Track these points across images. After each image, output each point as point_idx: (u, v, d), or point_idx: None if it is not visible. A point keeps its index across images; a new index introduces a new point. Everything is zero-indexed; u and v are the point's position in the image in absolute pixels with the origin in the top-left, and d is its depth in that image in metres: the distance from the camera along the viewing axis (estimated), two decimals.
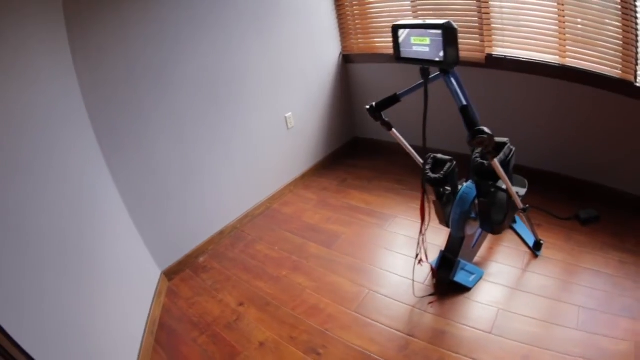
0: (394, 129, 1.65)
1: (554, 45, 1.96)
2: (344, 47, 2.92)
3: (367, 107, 1.61)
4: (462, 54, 2.25)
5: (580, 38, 1.88)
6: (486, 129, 1.16)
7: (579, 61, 1.91)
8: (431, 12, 2.35)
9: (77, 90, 1.65)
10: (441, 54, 1.29)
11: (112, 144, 1.79)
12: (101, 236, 1.63)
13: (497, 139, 1.48)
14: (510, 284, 1.71)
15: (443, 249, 1.75)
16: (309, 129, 2.81)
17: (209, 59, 2.11)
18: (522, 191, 1.72)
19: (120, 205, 1.84)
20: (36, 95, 1.39)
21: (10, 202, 1.15)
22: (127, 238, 1.85)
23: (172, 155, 2.04)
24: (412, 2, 2.46)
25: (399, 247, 2.02)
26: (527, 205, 1.67)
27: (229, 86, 2.24)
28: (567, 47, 1.92)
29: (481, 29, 2.16)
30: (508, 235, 1.94)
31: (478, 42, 2.21)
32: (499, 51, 2.17)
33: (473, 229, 1.74)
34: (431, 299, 1.70)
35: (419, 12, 2.41)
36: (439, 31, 1.25)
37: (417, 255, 1.64)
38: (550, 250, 1.82)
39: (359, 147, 3.17)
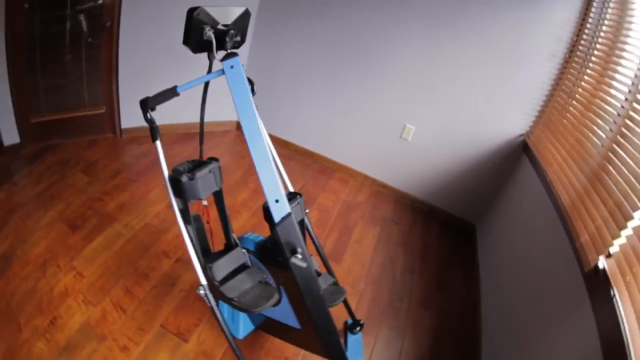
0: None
1: None
2: (529, 133, 2.11)
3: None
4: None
5: None
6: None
7: None
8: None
9: None
10: None
11: (262, 27, 2.57)
12: None
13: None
14: None
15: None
16: (422, 155, 2.47)
17: (369, 31, 2.33)
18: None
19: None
20: None
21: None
22: None
23: (296, 74, 2.64)
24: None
25: None
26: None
27: (368, 59, 2.40)
28: None
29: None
30: None
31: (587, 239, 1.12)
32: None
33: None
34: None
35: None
36: None
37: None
38: None
39: (464, 238, 2.42)
